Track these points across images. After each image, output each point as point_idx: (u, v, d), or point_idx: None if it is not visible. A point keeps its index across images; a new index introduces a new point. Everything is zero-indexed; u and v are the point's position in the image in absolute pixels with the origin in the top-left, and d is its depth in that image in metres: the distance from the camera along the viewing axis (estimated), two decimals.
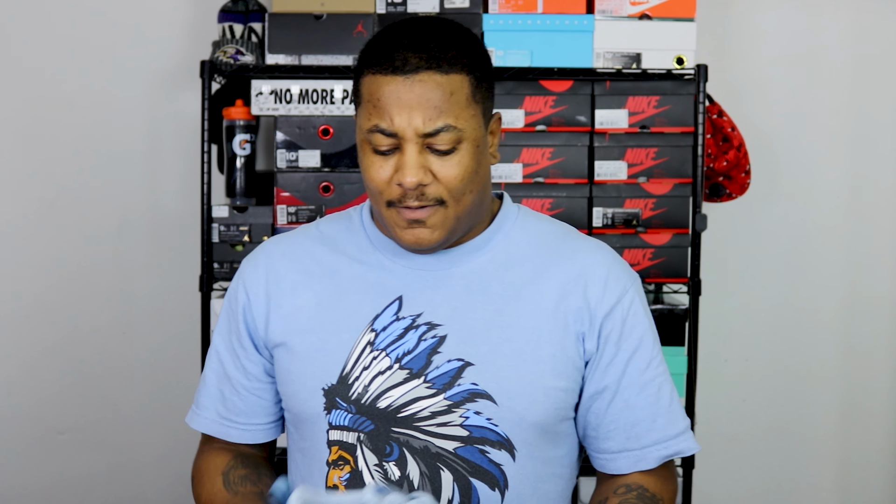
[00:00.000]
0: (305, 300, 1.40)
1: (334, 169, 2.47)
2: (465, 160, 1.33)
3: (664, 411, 1.39)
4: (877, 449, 2.96)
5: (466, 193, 1.34)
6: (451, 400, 1.34)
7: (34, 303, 2.83)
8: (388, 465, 1.35)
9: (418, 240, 1.34)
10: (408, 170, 1.30)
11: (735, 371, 2.93)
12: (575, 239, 1.45)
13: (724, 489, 2.94)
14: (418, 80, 1.30)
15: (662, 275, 2.48)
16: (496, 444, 1.34)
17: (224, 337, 1.47)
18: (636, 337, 1.39)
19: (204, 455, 1.49)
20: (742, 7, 2.86)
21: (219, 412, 1.47)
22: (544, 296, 1.37)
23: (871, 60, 2.88)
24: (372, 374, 1.35)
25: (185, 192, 2.81)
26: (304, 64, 2.45)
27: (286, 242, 1.47)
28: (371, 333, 1.37)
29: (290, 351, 1.40)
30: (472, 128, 1.33)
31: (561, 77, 2.47)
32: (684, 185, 2.47)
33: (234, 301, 1.46)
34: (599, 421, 1.39)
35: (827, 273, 2.92)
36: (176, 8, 2.80)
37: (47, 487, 2.87)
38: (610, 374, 1.38)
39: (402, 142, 1.31)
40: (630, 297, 1.40)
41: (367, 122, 1.33)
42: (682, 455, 1.40)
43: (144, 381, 2.86)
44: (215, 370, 1.48)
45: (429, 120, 1.30)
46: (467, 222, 1.38)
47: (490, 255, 1.40)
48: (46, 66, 2.80)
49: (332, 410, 1.37)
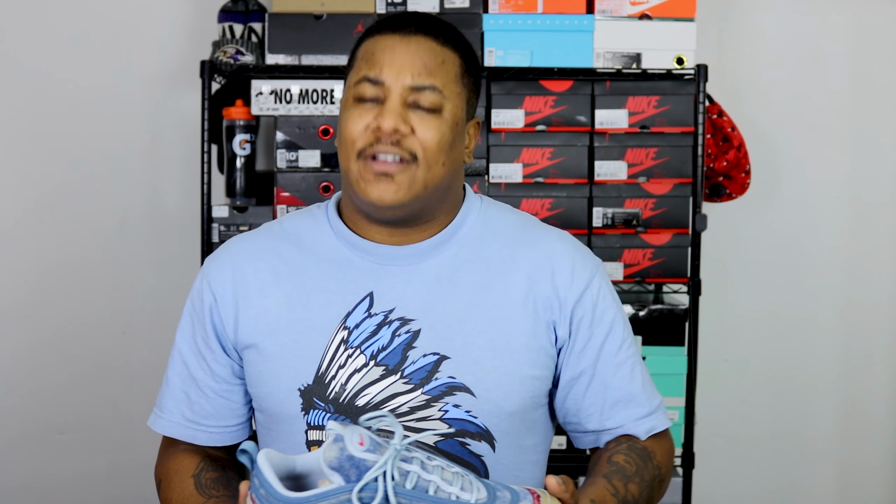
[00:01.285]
0: (274, 300, 1.39)
1: (334, 169, 2.47)
2: (443, 128, 1.34)
3: (639, 390, 1.41)
4: (877, 449, 2.96)
5: (438, 164, 1.34)
6: (430, 394, 1.34)
7: (34, 302, 2.83)
8: None
9: (381, 196, 1.32)
10: (388, 114, 1.32)
11: (735, 371, 2.93)
12: (537, 227, 1.46)
13: (724, 489, 2.94)
14: (414, 40, 1.35)
15: (662, 275, 2.48)
16: (476, 435, 1.35)
17: (188, 338, 1.44)
18: (608, 321, 1.41)
19: (170, 458, 1.45)
20: (742, 7, 2.86)
21: (184, 415, 1.44)
22: (513, 286, 1.38)
23: (871, 60, 2.88)
24: (348, 373, 1.35)
25: (185, 192, 2.81)
26: (304, 64, 2.45)
27: (250, 241, 1.45)
28: (344, 331, 1.36)
29: (262, 352, 1.38)
30: (454, 105, 1.36)
31: (561, 77, 2.47)
32: (684, 185, 2.47)
33: (200, 301, 1.43)
34: (579, 405, 1.41)
35: (827, 273, 2.92)
36: (176, 8, 2.80)
37: (47, 487, 2.87)
38: (585, 359, 1.40)
39: (386, 93, 1.33)
40: (598, 283, 1.42)
41: (356, 76, 1.36)
42: (657, 430, 1.41)
43: (144, 381, 2.85)
44: (179, 372, 1.45)
45: (418, 75, 1.33)
46: (431, 201, 1.37)
47: (456, 247, 1.40)
48: (46, 66, 2.80)
49: (309, 411, 1.35)
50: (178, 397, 1.44)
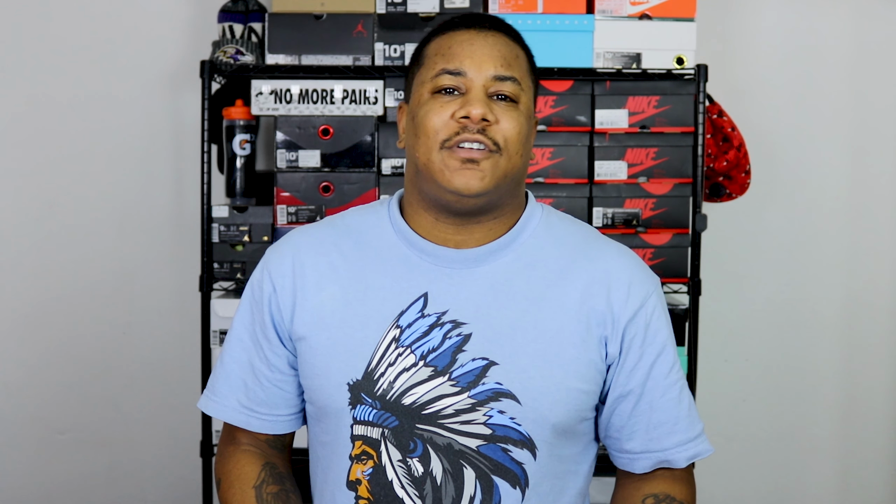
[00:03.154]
0: (331, 294, 1.40)
1: (334, 169, 2.47)
2: (521, 120, 1.36)
3: (685, 414, 1.42)
4: (877, 449, 2.96)
5: (518, 154, 1.36)
6: (476, 398, 1.34)
7: (34, 303, 2.83)
8: (411, 461, 1.36)
9: (468, 183, 1.33)
10: (476, 102, 1.33)
11: (735, 371, 2.93)
12: (598, 241, 1.46)
13: (724, 489, 2.94)
14: (491, 35, 1.39)
15: (662, 275, 2.47)
16: (518, 442, 1.35)
17: (247, 326, 1.46)
18: (660, 342, 1.41)
19: (230, 459, 1.48)
20: (742, 7, 2.86)
21: (240, 401, 1.45)
22: (568, 297, 1.38)
23: (870, 60, 2.88)
24: (397, 371, 1.36)
25: (185, 192, 2.81)
26: (304, 64, 2.45)
27: (313, 234, 1.46)
28: (396, 329, 1.37)
29: (315, 345, 1.39)
30: (528, 98, 1.39)
31: (561, 77, 2.47)
32: (684, 185, 2.47)
33: (260, 291, 1.45)
34: (623, 423, 1.42)
35: (827, 273, 2.92)
36: (176, 8, 2.80)
37: (47, 487, 2.87)
38: (635, 378, 1.40)
39: (469, 84, 1.35)
40: (653, 303, 1.41)
41: (433, 70, 1.38)
42: (700, 457, 1.43)
43: (144, 381, 2.86)
44: (237, 359, 1.46)
45: (501, 66, 1.36)
46: (506, 194, 1.38)
47: (515, 254, 1.40)
48: (46, 66, 2.80)
49: (356, 405, 1.37)
50: (234, 383, 1.46)
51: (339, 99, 2.45)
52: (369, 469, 1.37)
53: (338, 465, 1.39)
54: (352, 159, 2.46)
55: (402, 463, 1.36)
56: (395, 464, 1.36)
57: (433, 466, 1.35)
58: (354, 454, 1.38)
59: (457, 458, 1.35)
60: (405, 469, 1.36)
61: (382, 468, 1.37)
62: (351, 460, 1.38)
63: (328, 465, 1.42)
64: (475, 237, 1.40)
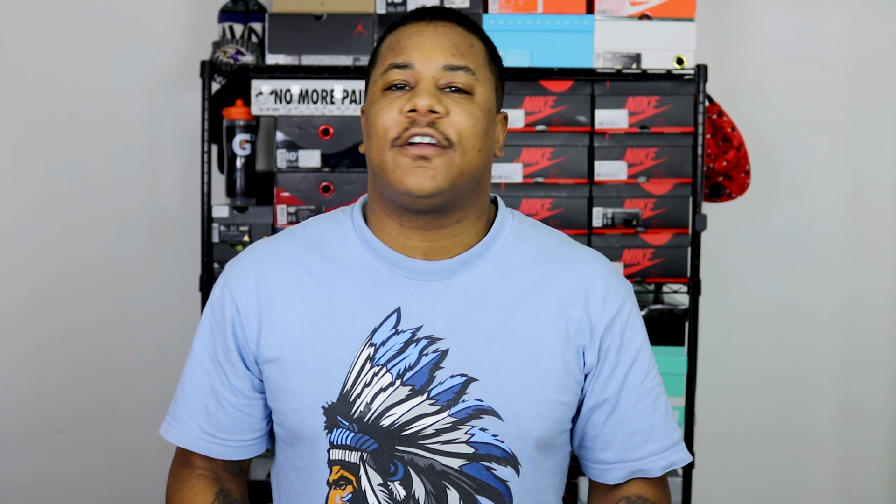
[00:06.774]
0: (299, 313, 1.33)
1: (334, 169, 2.47)
2: (476, 113, 1.30)
3: (660, 422, 1.38)
4: (877, 449, 2.96)
5: (474, 150, 1.29)
6: (456, 417, 1.29)
7: (34, 303, 2.83)
8: (392, 484, 1.31)
9: (419, 182, 1.26)
10: (422, 93, 1.27)
11: (735, 371, 2.93)
12: (572, 247, 1.41)
13: (724, 489, 2.94)
14: (441, 25, 1.33)
15: (662, 275, 2.48)
16: (502, 460, 1.31)
17: (208, 348, 1.38)
18: (634, 348, 1.37)
19: (185, 484, 1.41)
20: (742, 7, 2.86)
21: (202, 427, 1.38)
22: (545, 307, 1.34)
23: (870, 60, 2.88)
24: (374, 391, 1.30)
25: (185, 191, 2.81)
26: (304, 64, 2.45)
27: (275, 248, 1.38)
28: (370, 348, 1.31)
29: (285, 367, 1.32)
30: (485, 89, 1.33)
31: (561, 77, 2.47)
32: (684, 185, 2.47)
33: (221, 312, 1.36)
34: (597, 432, 1.38)
35: (827, 273, 2.92)
36: (176, 8, 2.80)
37: (47, 487, 2.87)
38: (610, 387, 1.36)
39: (418, 77, 1.29)
40: (628, 308, 1.38)
41: (383, 67, 1.32)
42: (676, 466, 1.39)
43: (144, 381, 2.86)
44: (198, 383, 1.38)
45: (451, 56, 1.30)
46: (465, 193, 1.32)
47: (488, 264, 1.35)
48: (47, 66, 2.80)
49: (333, 429, 1.30)
50: (195, 408, 1.38)
51: (339, 99, 2.45)
52: (348, 495, 1.31)
53: (315, 490, 1.33)
54: (352, 159, 2.46)
55: (384, 487, 1.31)
56: (376, 488, 1.31)
57: (415, 489, 1.30)
58: (332, 480, 1.32)
59: (439, 480, 1.30)
60: (386, 493, 1.31)
61: (363, 493, 1.31)
62: (329, 486, 1.32)
63: (303, 491, 1.35)
64: (442, 244, 1.34)
